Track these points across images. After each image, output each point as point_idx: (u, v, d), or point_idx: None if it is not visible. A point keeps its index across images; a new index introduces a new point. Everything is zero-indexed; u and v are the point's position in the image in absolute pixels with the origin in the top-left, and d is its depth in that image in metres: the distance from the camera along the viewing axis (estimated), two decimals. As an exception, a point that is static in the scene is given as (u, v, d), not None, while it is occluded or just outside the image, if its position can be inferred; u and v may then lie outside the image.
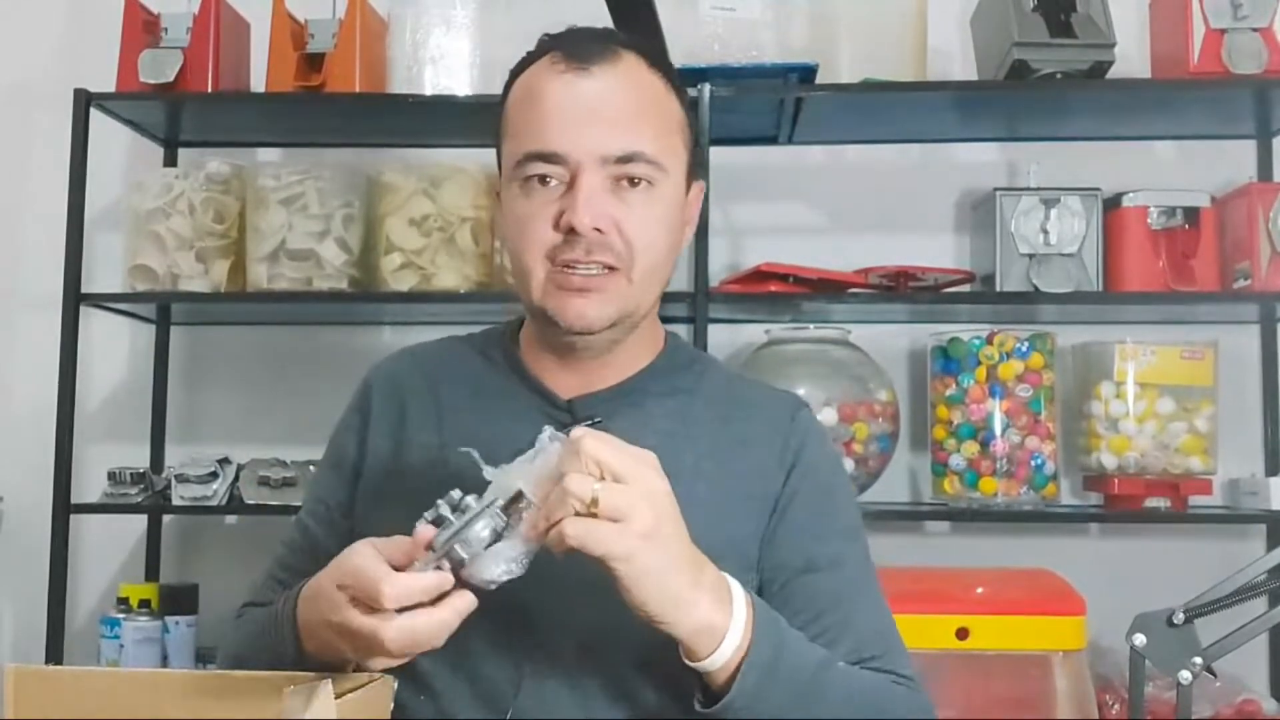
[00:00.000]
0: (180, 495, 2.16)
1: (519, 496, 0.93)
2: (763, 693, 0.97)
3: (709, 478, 1.13)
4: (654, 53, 1.17)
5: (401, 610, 0.90)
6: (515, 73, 1.18)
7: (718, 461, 1.15)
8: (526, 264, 1.12)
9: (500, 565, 0.92)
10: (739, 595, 0.98)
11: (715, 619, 0.95)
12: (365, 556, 0.93)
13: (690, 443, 1.15)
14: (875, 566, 1.19)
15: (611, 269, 1.10)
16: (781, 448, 1.17)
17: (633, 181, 1.10)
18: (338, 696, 0.85)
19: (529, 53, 1.17)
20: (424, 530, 0.92)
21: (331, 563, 0.97)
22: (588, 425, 1.07)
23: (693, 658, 0.96)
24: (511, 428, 1.10)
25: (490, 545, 0.91)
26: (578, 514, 0.90)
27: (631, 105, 1.11)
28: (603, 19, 1.71)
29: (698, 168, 1.22)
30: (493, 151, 1.21)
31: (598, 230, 1.08)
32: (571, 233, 1.09)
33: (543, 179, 1.10)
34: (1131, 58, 2.24)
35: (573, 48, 1.13)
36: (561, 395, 1.18)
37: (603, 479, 0.91)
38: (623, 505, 0.90)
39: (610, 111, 1.10)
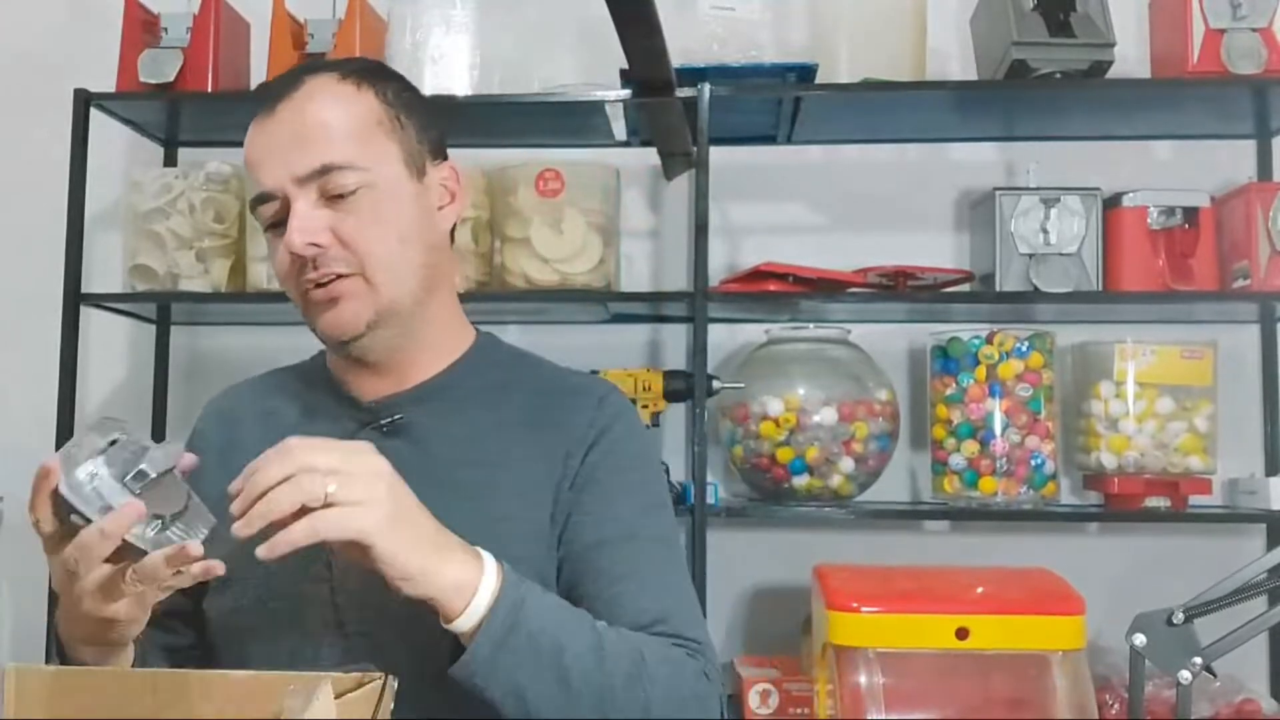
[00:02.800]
0: (180, 495, 2.16)
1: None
2: (505, 648, 1.01)
3: (516, 464, 1.19)
4: (351, 64, 1.22)
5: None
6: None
7: (526, 448, 1.20)
8: (290, 294, 1.21)
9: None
10: (489, 561, 1.03)
11: (465, 577, 1.00)
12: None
13: (499, 431, 1.21)
14: (679, 541, 1.25)
15: (345, 276, 1.16)
16: (585, 428, 1.21)
17: (340, 195, 1.15)
18: (337, 696, 0.85)
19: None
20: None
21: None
22: (385, 423, 1.21)
23: (447, 618, 1.00)
24: (329, 434, 1.13)
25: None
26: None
27: (311, 123, 1.15)
28: (603, 19, 1.71)
29: (435, 148, 1.26)
30: (492, 152, 1.24)
31: (316, 245, 1.14)
32: (295, 257, 1.15)
33: (275, 222, 1.17)
34: (1131, 57, 2.25)
35: (263, 95, 1.19)
36: (365, 399, 1.24)
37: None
38: (359, 490, 0.96)
39: (291, 136, 1.15)
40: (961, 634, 1.72)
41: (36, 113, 2.47)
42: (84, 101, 2.15)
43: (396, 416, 1.21)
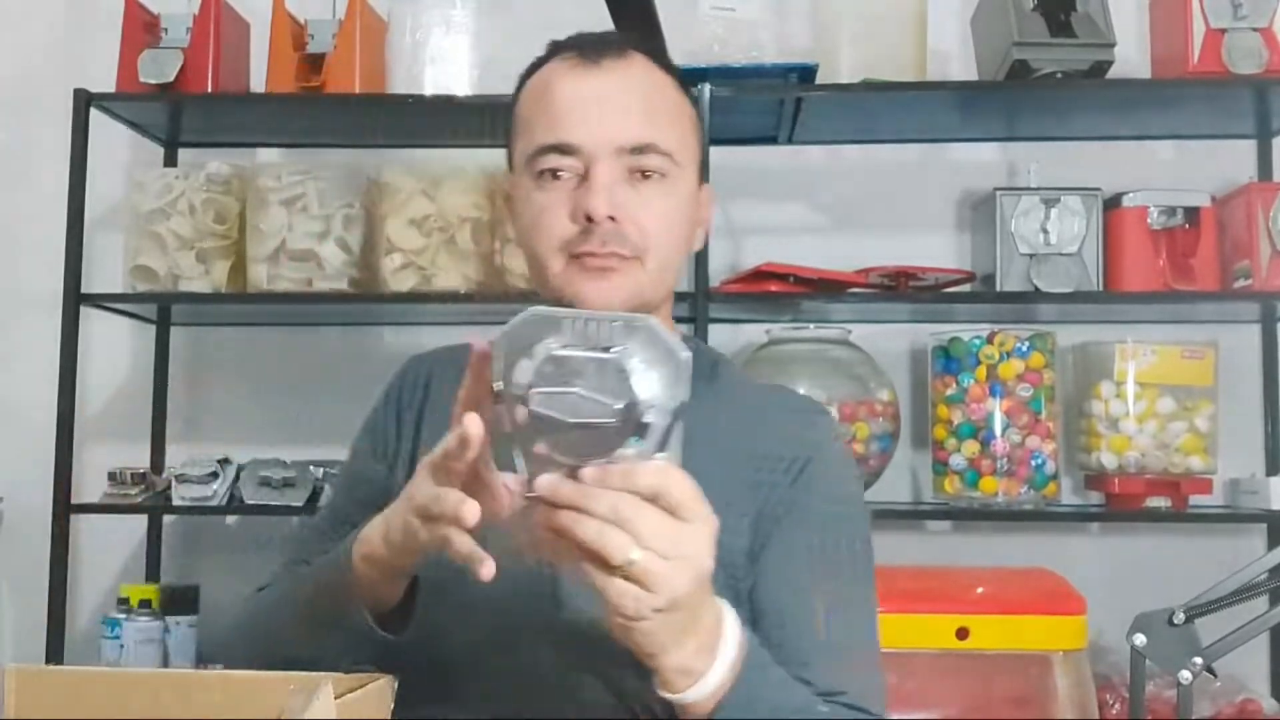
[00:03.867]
0: (180, 495, 2.16)
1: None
2: None
3: (717, 484, 1.06)
4: (662, 56, 1.19)
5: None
6: (525, 76, 1.18)
7: (727, 468, 1.11)
8: (543, 258, 1.12)
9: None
10: (730, 637, 0.91)
11: (696, 664, 0.89)
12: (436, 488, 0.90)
13: (703, 446, 1.09)
14: (873, 589, 1.16)
15: (625, 256, 1.10)
16: (791, 454, 1.13)
17: (645, 174, 1.11)
18: (337, 696, 0.85)
19: (537, 57, 1.18)
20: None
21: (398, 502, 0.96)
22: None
23: (665, 689, 0.90)
24: None
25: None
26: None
27: (644, 99, 1.12)
28: (603, 19, 1.71)
29: (704, 168, 1.22)
30: (492, 152, 1.23)
31: (612, 219, 1.08)
32: (588, 222, 1.09)
33: (555, 173, 1.11)
34: (1131, 57, 2.25)
35: (583, 46, 1.15)
36: None
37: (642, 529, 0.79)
38: (658, 580, 0.80)
39: (623, 104, 1.11)
40: (962, 634, 1.72)
41: (36, 113, 2.47)
42: (84, 101, 2.15)
43: None
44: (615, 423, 0.76)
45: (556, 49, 1.17)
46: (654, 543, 0.80)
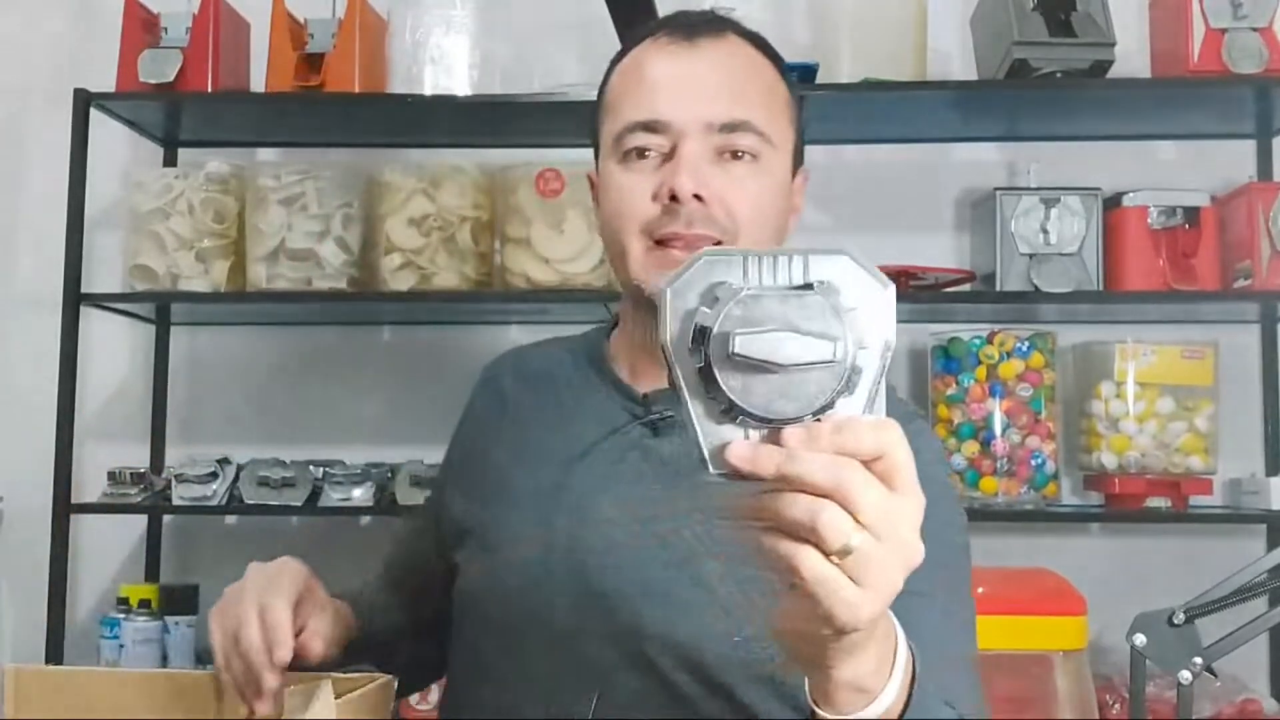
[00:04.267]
0: (180, 495, 2.16)
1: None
2: None
3: None
4: (762, 40, 1.15)
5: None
6: (616, 58, 1.14)
7: None
8: (623, 240, 1.07)
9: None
10: (902, 658, 0.76)
11: (874, 680, 0.73)
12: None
13: None
14: (971, 597, 1.06)
15: (715, 244, 1.02)
16: None
17: (736, 155, 1.05)
18: (337, 697, 0.85)
19: (631, 38, 1.14)
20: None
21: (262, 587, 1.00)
22: (657, 417, 1.07)
23: (827, 708, 0.74)
24: (585, 426, 1.10)
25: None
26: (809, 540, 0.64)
27: (738, 76, 1.08)
28: (603, 19, 1.71)
29: (801, 157, 1.16)
30: (492, 152, 1.22)
31: (699, 199, 1.02)
32: (673, 201, 1.03)
33: (642, 152, 1.06)
34: (1131, 57, 2.24)
35: (677, 26, 1.11)
36: (640, 389, 1.11)
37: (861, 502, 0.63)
38: (874, 573, 0.64)
39: (715, 80, 1.07)
40: (962, 634, 1.71)
41: (36, 113, 2.47)
42: (84, 101, 2.15)
43: (668, 413, 1.07)
44: (830, 366, 0.63)
45: (652, 30, 1.12)
46: (874, 521, 0.63)
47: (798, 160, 1.14)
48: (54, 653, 2.08)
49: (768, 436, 0.64)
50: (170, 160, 2.41)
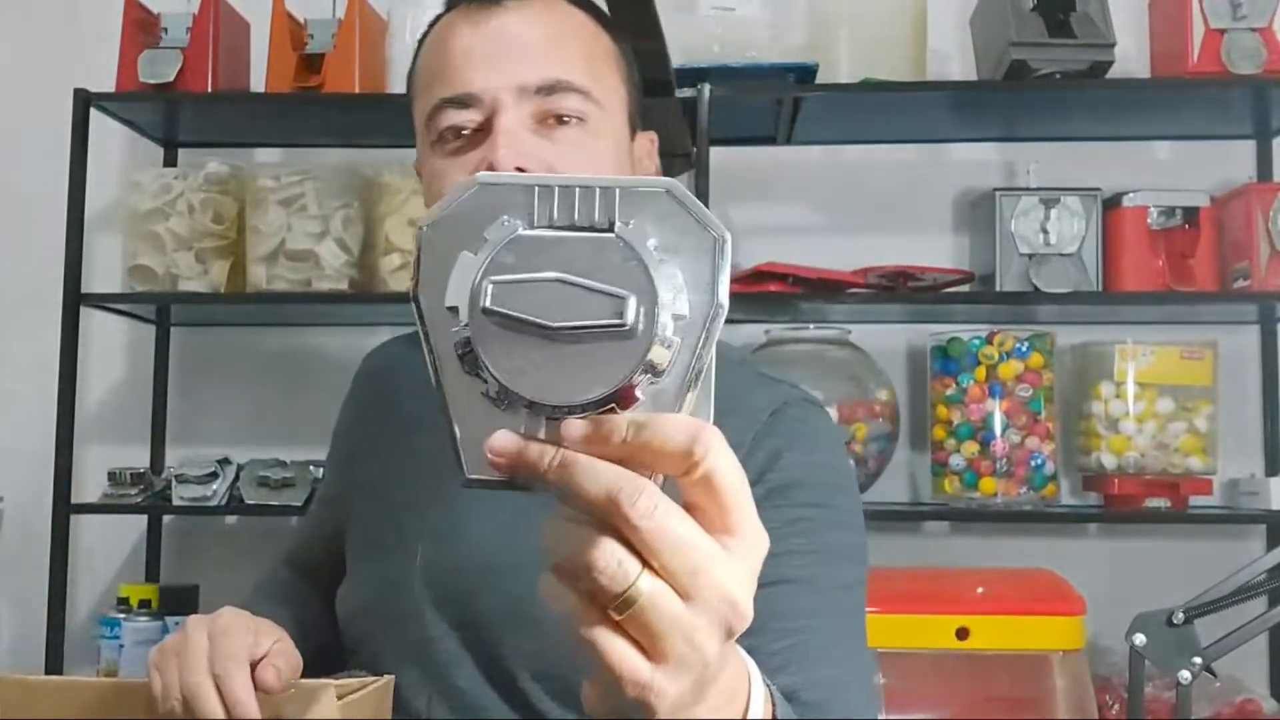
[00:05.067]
0: (180, 495, 2.16)
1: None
2: None
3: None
4: None
5: None
6: (421, 37, 1.05)
7: None
8: None
9: None
10: (757, 698, 0.59)
11: None
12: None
13: None
14: (863, 593, 0.97)
15: None
16: (752, 448, 0.94)
17: (561, 119, 0.95)
18: (339, 698, 0.85)
19: (437, 15, 1.05)
20: None
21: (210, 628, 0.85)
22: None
23: None
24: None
25: None
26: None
27: (552, 33, 0.97)
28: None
29: (644, 116, 1.06)
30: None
31: (522, 171, 0.90)
32: None
33: (457, 131, 0.96)
34: (1131, 58, 2.25)
35: None
36: None
37: (655, 551, 0.48)
38: (671, 639, 0.48)
39: (525, 40, 0.96)
40: (962, 634, 1.72)
41: (36, 113, 2.47)
42: (84, 101, 2.15)
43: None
44: (622, 334, 0.47)
45: (452, 1, 1.02)
46: (675, 564, 0.47)
47: (638, 121, 1.05)
48: (53, 653, 2.09)
49: (550, 432, 0.48)
50: (170, 160, 2.41)
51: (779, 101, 2.15)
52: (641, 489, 0.46)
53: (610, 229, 0.48)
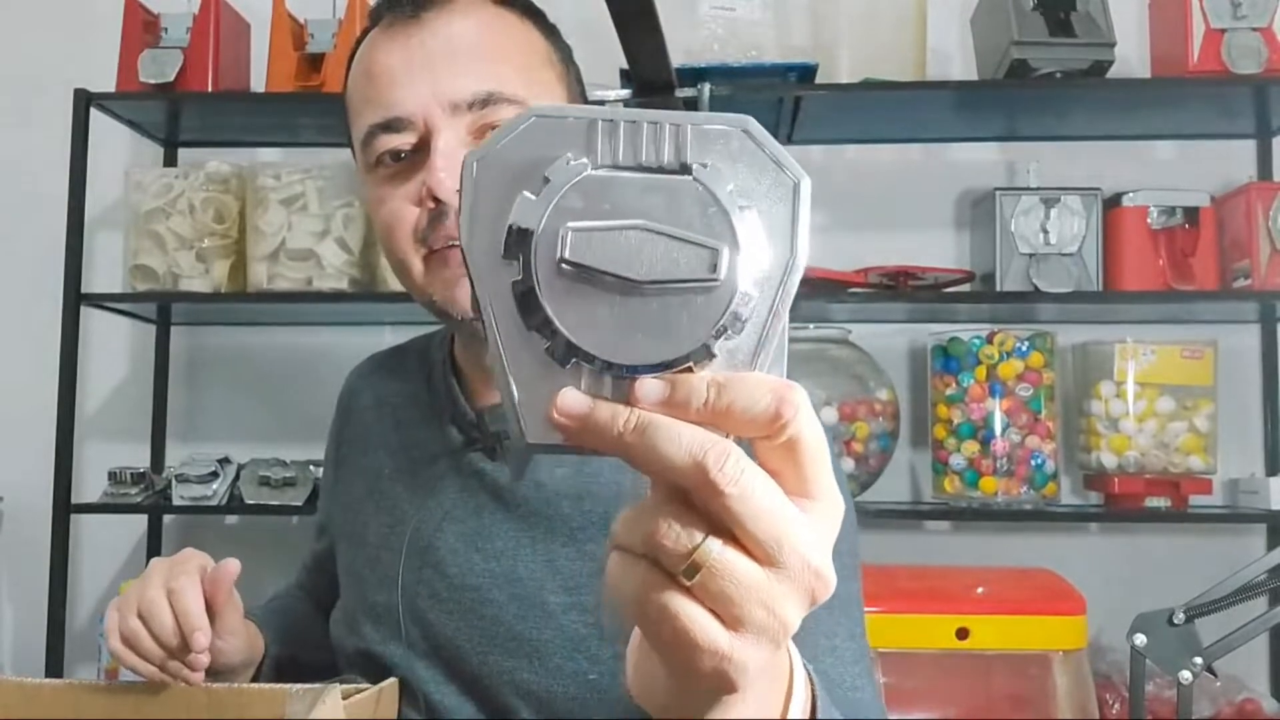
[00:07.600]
0: (180, 495, 2.16)
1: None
2: None
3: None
4: None
5: None
6: (350, 56, 1.01)
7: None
8: (400, 256, 0.94)
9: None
10: (799, 700, 0.55)
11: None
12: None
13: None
14: (859, 594, 0.95)
15: None
16: None
17: None
18: (344, 698, 0.85)
19: (362, 30, 1.00)
20: None
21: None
22: (493, 438, 0.96)
23: None
24: (422, 446, 1.02)
25: None
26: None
27: (478, 41, 0.93)
28: (603, 18, 1.71)
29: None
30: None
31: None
32: (436, 203, 0.90)
33: (395, 155, 0.93)
34: (1131, 57, 2.25)
35: (399, 2, 0.95)
36: (477, 403, 1.01)
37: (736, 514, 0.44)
38: (754, 607, 0.45)
39: (452, 52, 0.92)
40: (962, 634, 1.72)
41: (36, 112, 2.47)
42: (84, 101, 2.15)
43: (506, 435, 0.94)
44: (709, 288, 0.44)
45: (375, 15, 0.98)
46: (759, 528, 0.44)
47: None
48: (54, 653, 2.08)
49: (617, 393, 0.44)
50: (170, 160, 2.41)
51: (779, 101, 2.15)
52: (727, 452, 0.43)
53: (681, 170, 0.44)
